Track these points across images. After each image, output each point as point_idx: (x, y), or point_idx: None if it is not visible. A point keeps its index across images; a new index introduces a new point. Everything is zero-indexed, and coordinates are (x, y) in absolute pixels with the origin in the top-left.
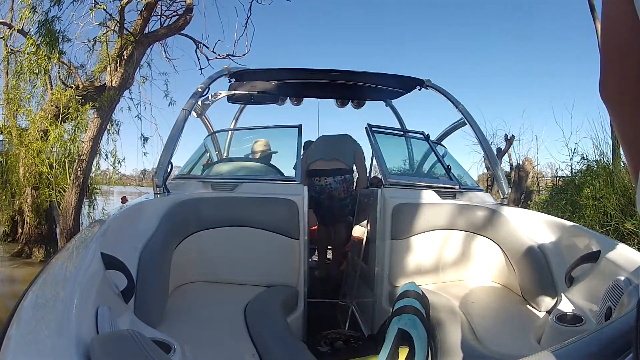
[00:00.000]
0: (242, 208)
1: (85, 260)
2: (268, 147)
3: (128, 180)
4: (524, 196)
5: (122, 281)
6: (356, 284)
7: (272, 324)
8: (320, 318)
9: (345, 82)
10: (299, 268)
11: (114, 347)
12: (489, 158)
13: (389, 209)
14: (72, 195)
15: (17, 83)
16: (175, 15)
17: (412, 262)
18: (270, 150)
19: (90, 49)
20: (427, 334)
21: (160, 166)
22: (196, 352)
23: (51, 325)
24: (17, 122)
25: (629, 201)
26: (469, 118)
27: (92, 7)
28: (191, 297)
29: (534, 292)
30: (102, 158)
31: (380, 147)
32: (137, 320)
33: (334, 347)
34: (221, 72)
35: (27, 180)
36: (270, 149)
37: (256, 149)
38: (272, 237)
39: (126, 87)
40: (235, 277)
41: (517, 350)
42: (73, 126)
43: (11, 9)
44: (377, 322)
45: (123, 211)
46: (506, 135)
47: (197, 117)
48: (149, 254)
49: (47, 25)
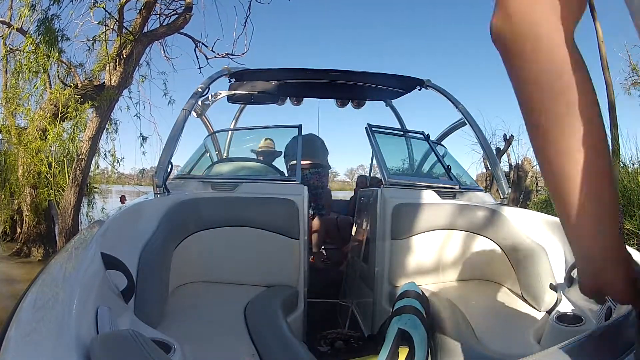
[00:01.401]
0: (242, 208)
1: (85, 260)
2: (273, 147)
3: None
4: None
5: (122, 281)
6: (356, 284)
7: (272, 324)
8: (320, 318)
9: (345, 82)
10: (299, 268)
11: (114, 347)
12: (489, 158)
13: (389, 209)
14: (71, 195)
15: (16, 82)
16: (175, 14)
17: (412, 262)
18: (274, 150)
19: (90, 47)
20: (427, 334)
21: (160, 166)
22: (196, 352)
23: (51, 326)
24: (16, 121)
25: (628, 201)
26: (469, 118)
27: (91, 6)
28: (191, 297)
29: (534, 292)
30: (100, 157)
31: (380, 147)
32: (137, 320)
33: (334, 347)
34: (221, 72)
35: (26, 180)
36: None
37: (261, 146)
38: (272, 237)
39: (125, 86)
40: (235, 277)
41: (517, 350)
42: (72, 125)
43: (10, 8)
44: (377, 322)
45: (123, 211)
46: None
47: (197, 117)
48: (149, 254)
49: (47, 23)
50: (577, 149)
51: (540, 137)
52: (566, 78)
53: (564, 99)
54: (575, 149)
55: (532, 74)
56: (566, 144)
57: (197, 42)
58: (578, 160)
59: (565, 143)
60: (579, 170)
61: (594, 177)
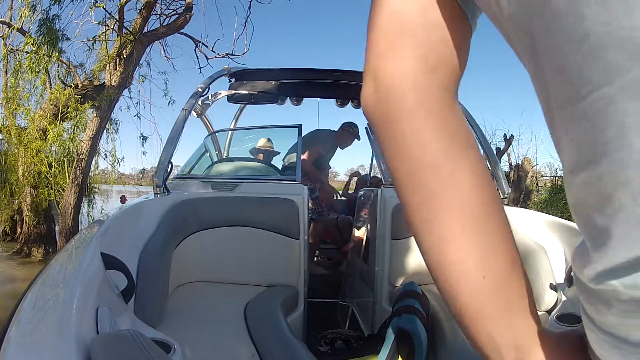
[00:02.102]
0: (242, 208)
1: (85, 260)
2: (271, 146)
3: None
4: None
5: (122, 281)
6: (356, 284)
7: (272, 324)
8: (320, 318)
9: (345, 82)
10: (299, 268)
11: (114, 347)
12: (489, 158)
13: (389, 208)
14: (71, 195)
15: (16, 82)
16: (175, 14)
17: (412, 262)
18: (273, 149)
19: (90, 47)
20: (427, 334)
21: (160, 166)
22: (196, 352)
23: (51, 326)
24: (16, 121)
25: None
26: (469, 118)
27: (91, 6)
28: (191, 297)
29: (534, 292)
30: (101, 157)
31: None
32: (137, 320)
33: (334, 347)
34: (221, 72)
35: (26, 180)
36: (274, 148)
37: (260, 145)
38: (272, 237)
39: (125, 86)
40: (235, 277)
41: None
42: (72, 125)
43: (10, 8)
44: (377, 322)
45: (123, 211)
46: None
47: (197, 117)
48: (149, 254)
49: (48, 23)
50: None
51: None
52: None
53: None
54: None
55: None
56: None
57: (197, 42)
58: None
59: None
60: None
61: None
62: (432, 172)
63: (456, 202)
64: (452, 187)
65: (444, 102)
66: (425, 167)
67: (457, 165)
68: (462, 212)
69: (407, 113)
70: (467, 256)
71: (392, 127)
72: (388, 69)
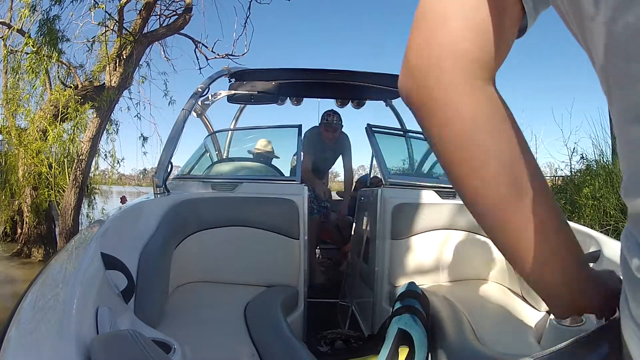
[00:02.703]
0: (242, 208)
1: (85, 260)
2: (270, 148)
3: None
4: None
5: (122, 281)
6: (356, 284)
7: (272, 324)
8: (320, 318)
9: (345, 82)
10: (299, 268)
11: (114, 347)
12: None
13: (388, 209)
14: (71, 195)
15: (16, 83)
16: (175, 15)
17: (412, 262)
18: (272, 151)
19: (89, 48)
20: (427, 334)
21: (160, 166)
22: (196, 352)
23: (51, 326)
24: (16, 122)
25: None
26: None
27: (91, 7)
28: (191, 297)
29: (534, 294)
30: (101, 158)
31: (380, 147)
32: (137, 320)
33: (334, 347)
34: (221, 72)
35: (27, 180)
36: (273, 150)
37: (258, 147)
38: (272, 237)
39: (125, 87)
40: (236, 277)
41: (517, 350)
42: (72, 126)
43: (10, 9)
44: (377, 322)
45: (123, 211)
46: None
47: (197, 117)
48: (149, 254)
49: (48, 24)
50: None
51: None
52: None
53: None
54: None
55: (442, 139)
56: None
57: (197, 42)
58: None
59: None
60: (531, 228)
61: (544, 227)
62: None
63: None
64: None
65: (482, 91)
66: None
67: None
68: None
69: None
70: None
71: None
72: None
